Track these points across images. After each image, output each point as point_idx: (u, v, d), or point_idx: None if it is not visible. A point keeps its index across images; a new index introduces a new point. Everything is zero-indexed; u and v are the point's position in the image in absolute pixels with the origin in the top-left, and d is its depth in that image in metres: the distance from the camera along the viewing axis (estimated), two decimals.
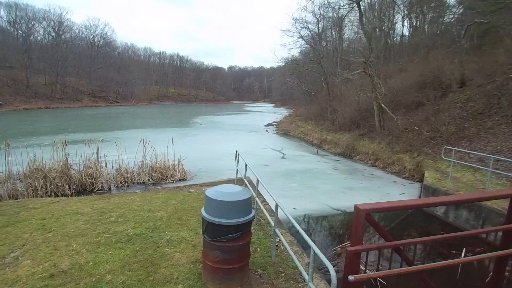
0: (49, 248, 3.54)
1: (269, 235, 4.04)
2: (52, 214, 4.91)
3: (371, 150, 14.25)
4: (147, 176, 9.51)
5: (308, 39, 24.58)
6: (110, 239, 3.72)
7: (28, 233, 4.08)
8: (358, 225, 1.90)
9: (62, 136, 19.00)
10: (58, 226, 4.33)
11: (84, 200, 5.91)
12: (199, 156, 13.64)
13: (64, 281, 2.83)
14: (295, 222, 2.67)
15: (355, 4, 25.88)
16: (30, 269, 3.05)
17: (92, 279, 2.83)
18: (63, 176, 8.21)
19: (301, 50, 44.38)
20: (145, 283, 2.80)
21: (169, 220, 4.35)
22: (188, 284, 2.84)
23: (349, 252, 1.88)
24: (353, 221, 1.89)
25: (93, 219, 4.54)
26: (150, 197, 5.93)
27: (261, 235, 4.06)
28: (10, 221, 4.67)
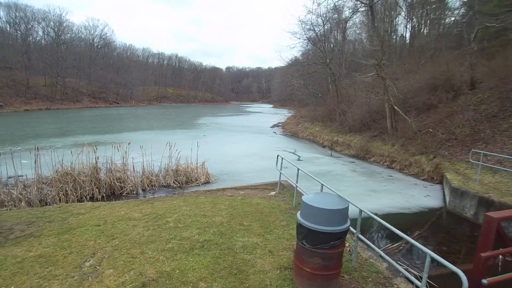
0: (125, 256, 3.55)
1: None
2: (104, 220, 4.91)
3: (386, 152, 14.37)
4: (172, 179, 9.50)
5: (315, 41, 24.72)
6: (182, 245, 3.74)
7: (92, 240, 4.08)
8: (490, 232, 1.95)
9: (72, 138, 18.90)
10: (118, 232, 4.33)
11: (127, 205, 5.91)
12: (216, 159, 13.62)
13: None
14: (396, 230, 2.73)
15: (359, 7, 26.11)
16: (117, 279, 3.06)
17: (188, 287, 2.84)
18: (92, 180, 8.18)
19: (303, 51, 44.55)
20: None
21: (231, 226, 4.38)
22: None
23: (483, 257, 1.94)
24: (482, 228, 1.95)
25: (151, 225, 4.55)
26: (193, 201, 5.94)
27: None
28: (64, 228, 4.66)
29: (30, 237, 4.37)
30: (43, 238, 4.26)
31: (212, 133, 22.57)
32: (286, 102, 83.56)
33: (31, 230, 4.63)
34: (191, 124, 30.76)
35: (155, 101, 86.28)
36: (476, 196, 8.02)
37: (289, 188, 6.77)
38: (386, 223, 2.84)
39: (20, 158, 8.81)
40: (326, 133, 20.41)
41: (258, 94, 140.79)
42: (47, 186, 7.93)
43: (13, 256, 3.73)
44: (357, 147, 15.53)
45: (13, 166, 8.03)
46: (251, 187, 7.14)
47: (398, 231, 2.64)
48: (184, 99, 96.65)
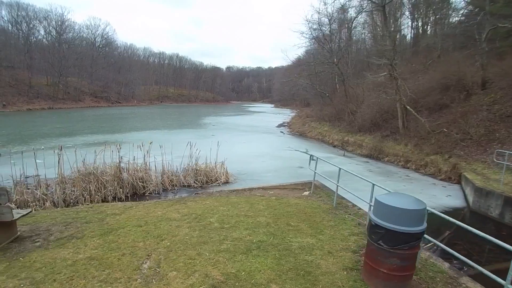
0: (182, 257, 3.48)
1: None
2: (145, 221, 4.84)
3: (399, 152, 14.33)
4: (192, 179, 9.43)
5: (322, 40, 24.68)
6: (237, 246, 3.67)
7: (141, 242, 4.01)
8: None
9: (81, 138, 18.80)
10: (165, 233, 4.26)
11: (160, 205, 5.84)
12: (230, 159, 13.57)
13: None
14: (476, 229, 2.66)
15: (365, 7, 26.03)
16: (184, 281, 2.99)
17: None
18: (116, 180, 8.10)
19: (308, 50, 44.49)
20: None
21: (279, 226, 4.31)
22: None
23: None
24: None
25: (195, 226, 4.48)
26: (226, 201, 5.88)
27: None
28: (105, 229, 4.58)
29: (72, 238, 4.30)
30: (87, 240, 4.19)
31: (220, 133, 22.49)
32: (287, 102, 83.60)
33: (71, 231, 4.56)
34: (197, 124, 30.68)
35: (156, 101, 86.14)
36: (502, 196, 7.99)
37: (322, 188, 6.72)
38: (461, 223, 2.78)
39: (34, 158, 8.71)
40: (335, 133, 20.37)
41: (258, 94, 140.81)
42: (70, 186, 7.85)
43: (62, 259, 3.65)
44: (369, 147, 15.49)
45: (24, 166, 7.97)
46: (280, 187, 7.08)
47: (482, 233, 2.59)
48: (185, 98, 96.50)
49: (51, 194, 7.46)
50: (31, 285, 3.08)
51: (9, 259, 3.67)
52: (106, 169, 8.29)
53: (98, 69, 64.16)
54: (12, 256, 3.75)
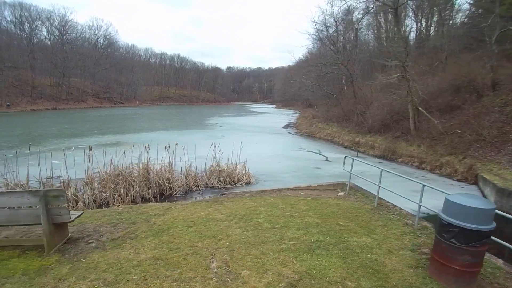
0: (248, 256, 3.55)
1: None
2: (192, 221, 4.91)
3: (413, 152, 14.45)
4: (216, 180, 9.50)
5: (331, 42, 24.81)
6: (298, 246, 3.76)
7: (198, 242, 4.08)
8: None
9: (93, 138, 18.83)
10: (218, 233, 4.34)
11: (199, 206, 5.92)
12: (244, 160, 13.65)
13: None
14: None
15: (371, 8, 26.15)
16: (260, 279, 3.06)
17: (338, 286, 2.87)
18: (144, 181, 8.17)
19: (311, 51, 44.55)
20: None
21: (330, 226, 4.40)
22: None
23: None
24: None
25: (244, 226, 4.56)
26: (263, 202, 5.96)
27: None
28: (155, 229, 4.65)
29: (126, 239, 4.37)
30: (142, 240, 4.26)
31: (230, 134, 22.57)
32: (289, 102, 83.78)
33: (121, 232, 4.63)
34: (203, 125, 30.74)
35: (158, 101, 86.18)
36: None
37: (356, 189, 6.80)
38: None
39: (50, 158, 8.77)
40: (344, 134, 20.48)
41: (259, 94, 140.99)
42: (99, 186, 7.91)
43: (126, 259, 3.72)
44: (382, 148, 15.60)
45: (45, 167, 8.03)
46: (310, 188, 7.17)
47: None
48: (186, 99, 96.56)
49: (81, 195, 7.52)
50: (105, 286, 3.15)
51: (70, 261, 3.73)
52: (133, 169, 8.36)
53: (100, 69, 64.15)
54: (72, 258, 3.82)
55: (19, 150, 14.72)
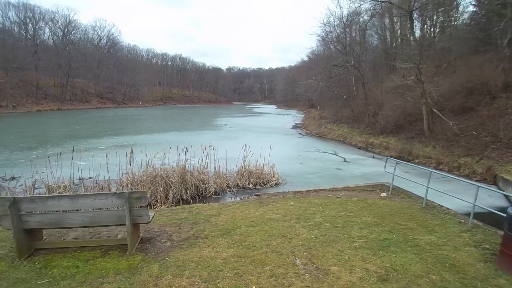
0: (328, 254, 3.77)
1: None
2: (252, 221, 5.12)
3: (429, 154, 14.70)
4: (247, 181, 9.71)
5: (342, 43, 25.07)
6: (370, 244, 3.98)
7: (271, 240, 4.29)
8: None
9: (109, 139, 18.98)
10: (284, 233, 4.54)
11: (245, 206, 6.12)
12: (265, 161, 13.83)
13: (400, 284, 3.10)
14: None
15: (378, 10, 26.41)
16: (351, 274, 3.28)
17: (425, 280, 3.10)
18: (181, 182, 8.37)
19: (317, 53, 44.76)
20: (475, 282, 3.13)
21: (390, 225, 4.63)
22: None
23: None
24: None
25: (308, 226, 4.76)
26: (309, 202, 6.18)
27: None
28: (221, 229, 4.84)
29: (197, 238, 4.57)
30: (214, 239, 4.46)
31: (241, 135, 22.76)
32: (291, 103, 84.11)
33: (190, 232, 4.81)
34: (213, 125, 30.93)
35: (160, 102, 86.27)
36: None
37: (397, 189, 7.03)
38: None
39: (69, 160, 8.91)
40: (356, 135, 20.73)
41: (260, 94, 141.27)
42: (139, 187, 8.10)
43: (210, 257, 3.90)
44: (398, 149, 15.86)
45: (71, 168, 8.18)
46: (348, 188, 7.39)
47: None
48: (188, 99, 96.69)
49: None
50: (204, 282, 3.35)
51: (155, 260, 3.91)
52: (170, 171, 8.55)
53: (104, 70, 64.19)
54: (156, 256, 4.01)
55: (45, 152, 14.91)
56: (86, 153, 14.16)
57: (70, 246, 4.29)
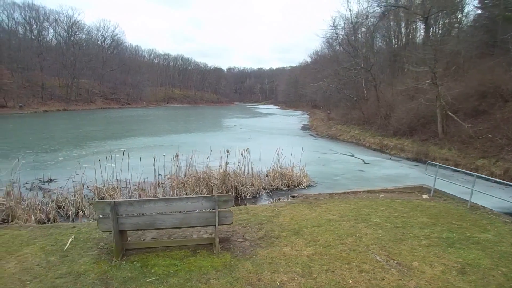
0: (403, 251, 4.15)
1: None
2: (315, 222, 5.49)
3: (446, 156, 15.13)
4: (279, 182, 10.06)
5: (351, 46, 25.49)
6: (436, 241, 4.38)
7: (343, 239, 4.65)
8: None
9: (129, 141, 19.29)
10: (351, 233, 4.91)
11: (298, 207, 6.47)
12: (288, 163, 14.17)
13: (477, 276, 3.49)
14: None
15: (386, 13, 26.85)
16: (434, 269, 3.65)
17: (497, 272, 3.50)
18: (222, 184, 8.72)
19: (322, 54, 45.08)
20: None
21: (446, 225, 5.03)
22: None
23: None
24: None
25: (370, 226, 5.14)
26: (356, 204, 6.55)
27: None
28: (288, 229, 5.18)
29: (271, 238, 4.92)
30: (288, 238, 4.81)
31: (254, 136, 23.11)
32: (293, 103, 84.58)
33: (260, 232, 5.15)
34: (223, 127, 31.27)
35: (163, 102, 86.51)
36: None
37: (438, 192, 7.41)
38: None
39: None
40: (369, 136, 21.14)
41: (261, 95, 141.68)
42: (182, 190, 8.44)
43: (293, 255, 4.22)
44: (414, 151, 16.28)
45: (102, 171, 8.43)
46: (386, 190, 7.77)
47: None
48: (190, 100, 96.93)
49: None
50: (302, 277, 3.69)
51: (244, 258, 4.21)
52: (211, 173, 8.90)
53: (108, 71, 64.32)
54: (243, 255, 4.31)
55: (70, 153, 15.20)
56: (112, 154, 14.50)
57: (157, 246, 4.63)
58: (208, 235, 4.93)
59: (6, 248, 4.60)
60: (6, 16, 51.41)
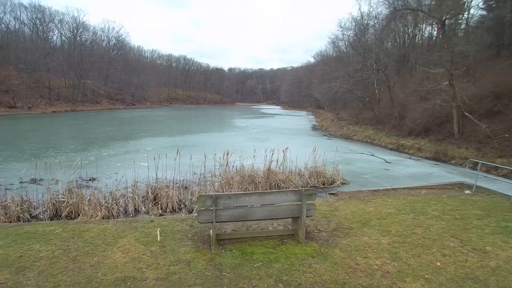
0: (472, 238, 4.60)
1: None
2: (377, 215, 5.92)
3: (464, 155, 15.60)
4: (316, 180, 10.49)
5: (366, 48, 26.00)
6: (495, 230, 4.89)
7: (413, 229, 5.09)
8: None
9: (149, 141, 19.68)
10: (418, 224, 5.35)
11: (350, 203, 6.90)
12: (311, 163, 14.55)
13: None
14: None
15: (397, 16, 27.35)
16: (506, 252, 4.12)
17: None
18: (267, 181, 9.15)
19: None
20: None
21: (502, 217, 5.50)
22: None
23: None
24: None
25: (430, 218, 5.59)
26: (405, 200, 6.99)
27: None
28: (356, 222, 5.59)
29: (344, 229, 5.34)
30: (360, 230, 5.24)
31: (270, 136, 23.53)
32: (296, 103, 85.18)
33: (332, 225, 5.56)
34: (235, 127, 31.68)
35: (166, 102, 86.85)
36: None
37: (479, 188, 7.86)
38: None
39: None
40: (384, 136, 21.62)
41: (262, 95, 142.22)
42: (229, 187, 8.86)
43: (374, 243, 4.65)
44: (432, 150, 16.75)
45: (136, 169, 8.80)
46: (426, 187, 8.23)
47: None
48: (193, 100, 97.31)
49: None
50: (393, 261, 4.11)
51: (330, 246, 4.61)
52: (256, 171, 9.33)
53: (113, 71, 64.63)
54: (328, 244, 4.71)
55: (99, 153, 15.56)
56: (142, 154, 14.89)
57: (245, 237, 5.04)
58: (282, 227, 5.36)
59: (103, 241, 4.97)
60: (13, 17, 51.66)
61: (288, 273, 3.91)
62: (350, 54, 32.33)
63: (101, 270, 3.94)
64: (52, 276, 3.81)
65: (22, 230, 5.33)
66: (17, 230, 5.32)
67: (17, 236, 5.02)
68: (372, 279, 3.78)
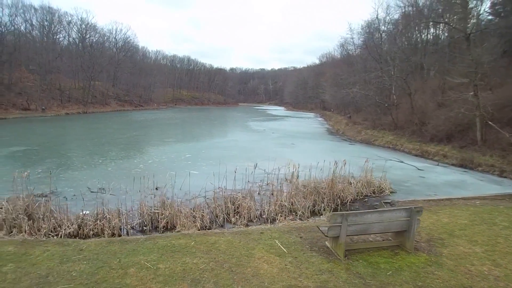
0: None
1: None
2: (456, 226, 6.74)
3: (490, 162, 16.52)
4: (366, 189, 11.27)
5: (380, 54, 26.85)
6: None
7: (498, 238, 5.93)
8: None
9: (180, 146, 20.31)
10: (498, 233, 6.18)
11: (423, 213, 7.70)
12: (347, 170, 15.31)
13: None
14: None
15: (410, 23, 28.11)
16: None
17: None
18: (330, 192, 9.92)
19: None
20: None
21: None
22: None
23: None
24: None
25: (508, 227, 6.44)
26: (467, 210, 7.81)
27: None
28: (441, 233, 6.43)
29: (437, 240, 6.14)
30: (451, 240, 6.05)
31: (292, 141, 24.28)
32: (301, 105, 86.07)
33: (423, 235, 6.38)
34: (253, 130, 32.37)
35: (171, 103, 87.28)
36: None
37: None
38: None
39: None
40: (406, 142, 22.51)
41: (264, 95, 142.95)
42: (300, 198, 9.60)
43: (470, 252, 5.48)
44: (457, 157, 17.63)
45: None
46: (479, 197, 9.07)
47: None
48: (198, 101, 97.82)
49: (291, 205, 9.19)
50: (496, 267, 4.94)
51: (437, 256, 5.34)
52: (318, 182, 10.11)
53: (123, 73, 65.00)
54: (434, 253, 5.49)
55: (142, 160, 16.18)
56: (185, 162, 15.59)
57: (362, 248, 5.81)
58: (382, 239, 6.14)
59: (240, 252, 5.40)
60: (24, 19, 51.80)
61: (419, 279, 4.71)
62: (363, 58, 33.16)
63: (265, 280, 4.64)
64: (228, 286, 4.48)
65: (157, 244, 5.91)
66: (153, 244, 5.93)
67: (160, 250, 5.57)
68: (489, 283, 4.60)
